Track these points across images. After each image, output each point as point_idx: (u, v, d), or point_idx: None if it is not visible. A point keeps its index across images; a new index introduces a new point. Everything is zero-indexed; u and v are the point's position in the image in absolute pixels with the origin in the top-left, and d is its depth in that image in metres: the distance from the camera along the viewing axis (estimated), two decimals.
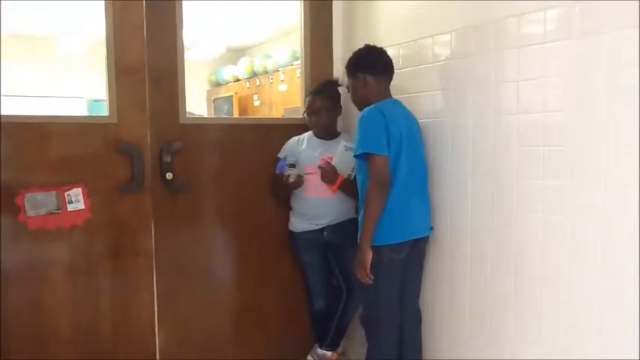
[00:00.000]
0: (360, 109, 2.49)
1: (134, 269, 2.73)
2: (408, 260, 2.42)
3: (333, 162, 2.75)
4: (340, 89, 2.92)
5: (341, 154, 2.73)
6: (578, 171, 1.87)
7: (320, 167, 2.78)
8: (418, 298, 2.58)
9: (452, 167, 2.42)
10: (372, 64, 2.48)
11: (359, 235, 2.36)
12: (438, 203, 2.49)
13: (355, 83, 2.50)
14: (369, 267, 2.31)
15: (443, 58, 2.45)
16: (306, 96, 2.97)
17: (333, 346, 3.01)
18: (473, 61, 2.29)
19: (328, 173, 2.75)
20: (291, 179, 2.79)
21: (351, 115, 3.03)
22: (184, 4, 2.76)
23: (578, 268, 1.89)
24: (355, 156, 2.37)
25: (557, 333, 1.97)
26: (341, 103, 2.94)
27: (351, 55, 2.54)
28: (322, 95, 2.89)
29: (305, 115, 2.95)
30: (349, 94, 2.60)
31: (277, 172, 2.85)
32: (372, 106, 2.37)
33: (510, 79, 2.12)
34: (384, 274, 2.35)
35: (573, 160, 1.88)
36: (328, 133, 2.93)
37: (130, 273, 2.72)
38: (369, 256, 2.30)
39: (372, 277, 2.32)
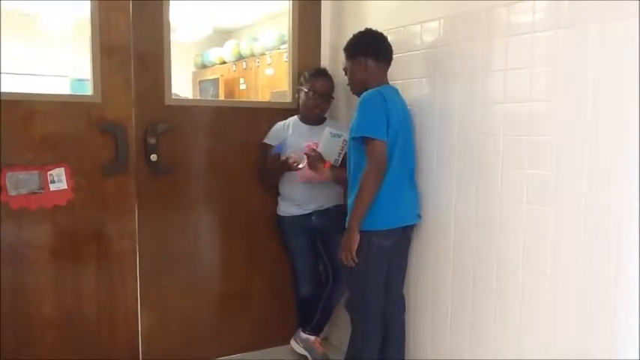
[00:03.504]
0: (355, 93, 2.48)
1: (117, 251, 2.71)
2: (395, 247, 2.43)
3: (319, 149, 2.73)
4: None
5: (326, 140, 2.72)
6: (562, 161, 1.89)
7: (306, 154, 2.77)
8: (403, 285, 2.60)
9: (438, 155, 2.42)
10: (375, 48, 2.44)
11: (347, 218, 2.37)
12: (423, 191, 2.50)
13: (354, 66, 2.46)
14: (355, 250, 2.31)
15: (431, 46, 2.45)
16: (309, 75, 2.92)
17: (317, 331, 3.03)
18: (461, 49, 2.29)
19: (315, 160, 2.74)
20: (291, 160, 2.76)
21: (336, 101, 3.03)
22: None
23: (560, 258, 1.91)
24: (352, 138, 2.35)
25: (538, 322, 2.00)
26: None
27: (351, 37, 2.49)
28: (329, 79, 2.92)
29: (304, 94, 2.90)
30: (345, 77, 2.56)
31: (273, 152, 2.83)
32: (374, 89, 2.34)
33: (498, 68, 2.12)
34: (372, 260, 2.36)
35: (558, 150, 1.90)
36: (318, 118, 2.93)
37: (113, 255, 2.71)
38: (357, 239, 2.30)
39: (357, 261, 2.33)
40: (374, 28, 2.49)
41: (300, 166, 2.77)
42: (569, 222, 1.87)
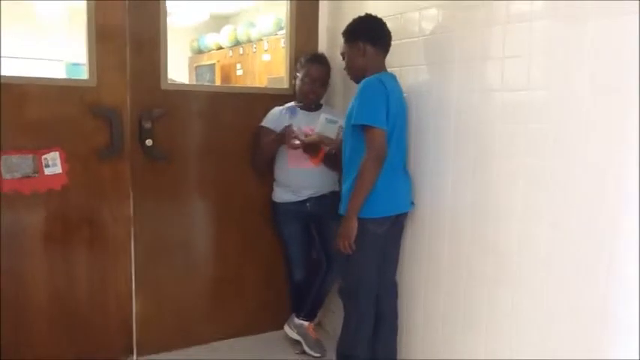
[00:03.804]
0: (353, 78, 2.47)
1: (112, 236, 2.71)
2: (389, 234, 2.43)
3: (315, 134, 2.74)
4: None
5: (322, 126, 2.71)
6: (559, 149, 1.88)
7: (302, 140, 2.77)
8: (395, 272, 2.60)
9: (434, 143, 2.41)
10: (375, 34, 2.42)
11: (342, 206, 2.37)
12: (418, 179, 2.50)
13: (353, 51, 2.43)
14: (353, 238, 2.31)
15: (429, 33, 2.43)
16: (305, 60, 2.91)
17: (310, 317, 3.04)
18: (459, 37, 2.27)
19: (311, 146, 2.74)
20: (296, 142, 2.74)
21: (333, 87, 3.02)
22: None
23: (555, 247, 1.91)
24: (352, 125, 2.33)
25: (532, 311, 2.00)
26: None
27: (350, 21, 2.46)
28: (324, 65, 2.90)
29: (299, 80, 2.89)
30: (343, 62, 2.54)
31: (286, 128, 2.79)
32: (374, 76, 2.33)
33: (496, 56, 2.11)
34: (366, 247, 2.36)
35: (555, 139, 1.89)
36: (314, 103, 2.92)
37: (107, 240, 2.70)
38: (355, 226, 2.30)
39: (354, 248, 2.33)
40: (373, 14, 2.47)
41: (296, 142, 2.74)
42: (565, 211, 1.87)
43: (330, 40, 3.10)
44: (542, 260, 1.95)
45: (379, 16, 2.47)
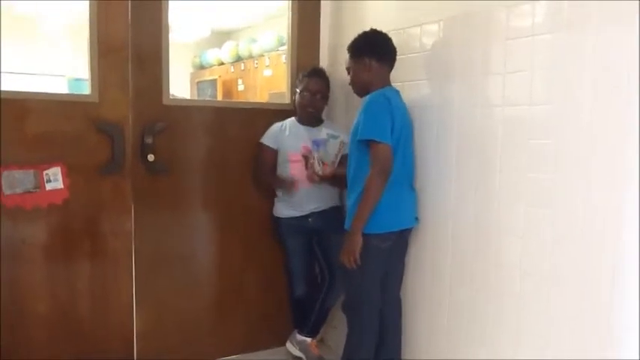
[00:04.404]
0: (357, 93, 2.48)
1: (113, 251, 2.70)
2: (393, 250, 2.42)
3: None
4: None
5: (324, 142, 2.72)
6: (561, 164, 1.88)
7: (304, 156, 2.76)
8: (400, 287, 2.59)
9: (436, 157, 2.41)
10: (380, 50, 2.42)
11: (347, 221, 2.36)
12: (421, 193, 2.49)
13: (358, 67, 2.43)
14: (358, 253, 2.30)
15: (430, 48, 2.44)
16: (303, 76, 2.92)
17: (313, 333, 3.02)
18: (460, 52, 2.28)
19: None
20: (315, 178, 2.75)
21: (334, 102, 3.02)
22: None
23: (559, 262, 1.90)
24: (358, 140, 2.33)
25: (536, 325, 1.99)
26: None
27: (356, 36, 2.46)
28: (323, 79, 2.91)
29: (298, 95, 2.90)
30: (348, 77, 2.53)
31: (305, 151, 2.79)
32: (378, 92, 2.34)
33: (497, 71, 2.11)
34: (370, 262, 2.35)
35: (557, 154, 1.89)
36: (315, 119, 2.92)
37: (108, 254, 2.69)
38: (360, 242, 2.29)
39: (358, 263, 2.31)
40: (367, 29, 2.47)
41: (316, 178, 2.74)
42: (567, 225, 1.86)
43: (331, 56, 3.11)
44: (545, 274, 1.94)
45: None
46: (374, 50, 2.41)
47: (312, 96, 2.86)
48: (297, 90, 2.91)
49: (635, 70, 1.65)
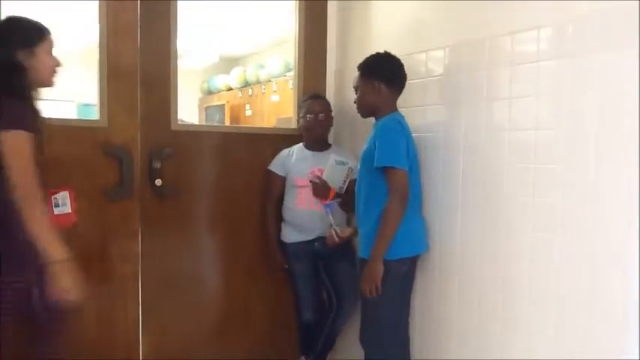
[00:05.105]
0: (361, 113, 2.48)
1: (120, 275, 2.70)
2: (408, 275, 2.42)
3: (324, 176, 2.73)
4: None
5: (332, 167, 2.72)
6: (568, 189, 1.88)
7: (311, 182, 2.76)
8: (409, 314, 2.54)
9: (442, 183, 2.41)
10: (391, 75, 2.41)
11: (363, 249, 2.36)
12: (427, 219, 2.48)
13: (367, 87, 2.41)
14: (380, 281, 2.26)
15: (436, 74, 2.46)
16: (303, 101, 2.96)
17: (319, 359, 2.98)
18: (466, 78, 2.30)
19: (320, 188, 2.74)
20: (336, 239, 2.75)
21: (341, 127, 3.04)
22: (179, 7, 2.76)
23: (567, 286, 1.89)
24: (375, 168, 2.30)
25: (545, 348, 1.97)
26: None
27: (369, 56, 2.45)
28: (323, 99, 2.96)
29: (303, 119, 2.92)
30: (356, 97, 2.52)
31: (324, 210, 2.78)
32: (391, 117, 2.35)
33: (503, 97, 2.13)
34: (390, 288, 2.31)
35: (563, 178, 1.89)
36: (322, 142, 2.93)
37: (115, 278, 2.69)
38: (381, 270, 2.26)
39: (380, 292, 2.28)
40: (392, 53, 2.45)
41: (336, 239, 2.75)
42: (574, 250, 1.85)
43: (337, 82, 3.14)
44: (554, 299, 1.93)
45: None
46: (384, 75, 2.39)
47: (315, 116, 2.88)
48: (301, 115, 2.93)
49: (638, 95, 1.66)
